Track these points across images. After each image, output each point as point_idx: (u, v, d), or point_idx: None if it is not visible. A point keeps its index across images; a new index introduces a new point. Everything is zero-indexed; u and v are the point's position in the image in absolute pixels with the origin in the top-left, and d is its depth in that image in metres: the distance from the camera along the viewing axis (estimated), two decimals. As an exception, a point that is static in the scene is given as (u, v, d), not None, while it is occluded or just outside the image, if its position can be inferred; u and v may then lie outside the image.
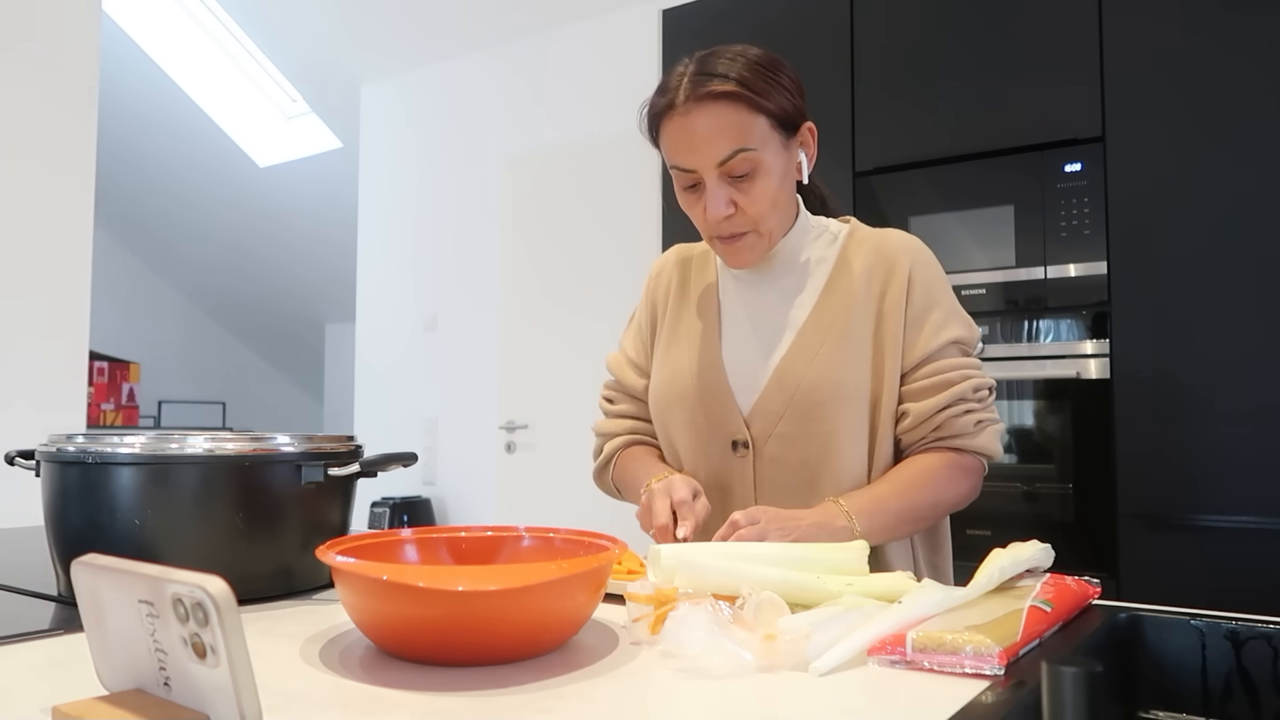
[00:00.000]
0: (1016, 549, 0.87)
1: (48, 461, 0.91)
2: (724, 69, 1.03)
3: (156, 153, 5.29)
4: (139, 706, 0.51)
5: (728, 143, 1.02)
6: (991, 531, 2.15)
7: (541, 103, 3.76)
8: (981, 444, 1.10)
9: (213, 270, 6.05)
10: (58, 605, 0.89)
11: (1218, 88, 2.00)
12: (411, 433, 4.12)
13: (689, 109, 1.02)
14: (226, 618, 0.45)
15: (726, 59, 1.04)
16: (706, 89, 1.02)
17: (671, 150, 1.06)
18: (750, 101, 1.02)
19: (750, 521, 0.94)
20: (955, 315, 1.13)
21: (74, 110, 2.62)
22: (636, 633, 0.75)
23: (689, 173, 1.06)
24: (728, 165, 1.03)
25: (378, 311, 4.35)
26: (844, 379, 1.08)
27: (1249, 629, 0.78)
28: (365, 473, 0.96)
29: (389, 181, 4.32)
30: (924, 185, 2.38)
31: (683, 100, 1.03)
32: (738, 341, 1.16)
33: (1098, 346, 2.11)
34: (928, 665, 0.66)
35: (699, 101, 1.02)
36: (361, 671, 0.66)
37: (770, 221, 1.08)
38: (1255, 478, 1.91)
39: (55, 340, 2.57)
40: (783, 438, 1.10)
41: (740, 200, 1.05)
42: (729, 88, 1.01)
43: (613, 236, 3.45)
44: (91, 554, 0.54)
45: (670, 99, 1.04)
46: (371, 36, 4.08)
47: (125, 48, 4.69)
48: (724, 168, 1.03)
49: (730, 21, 2.71)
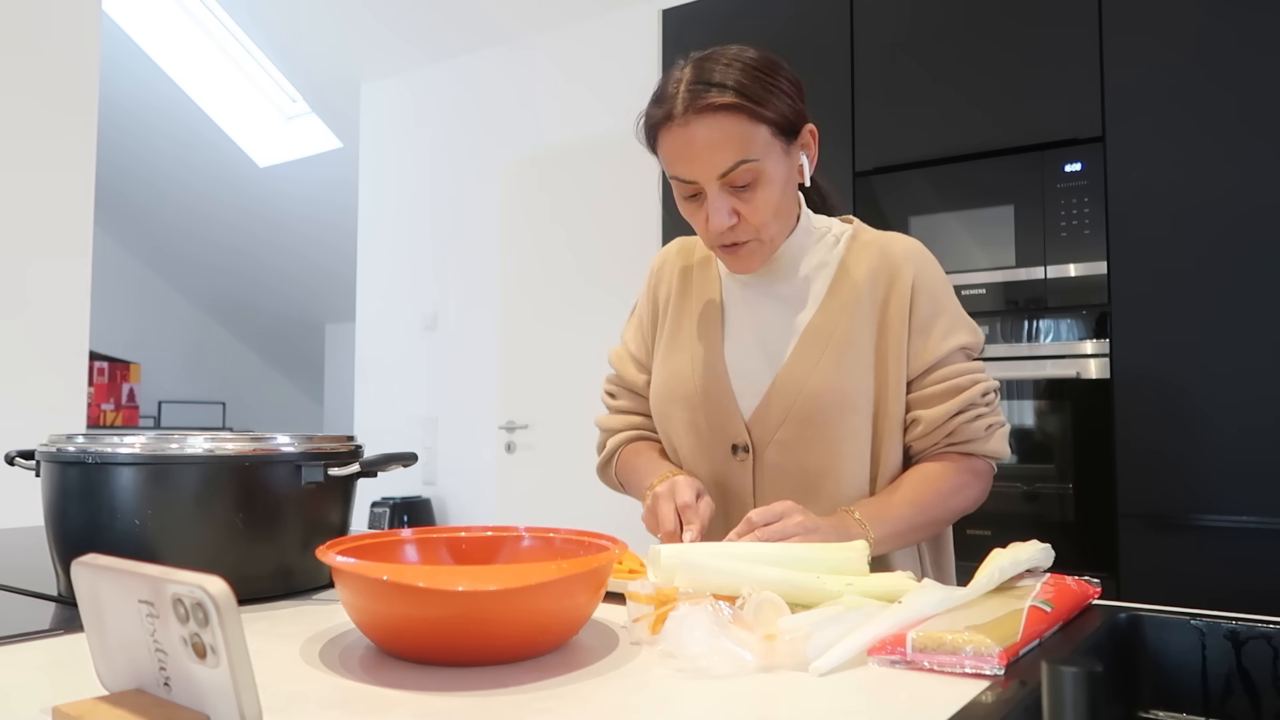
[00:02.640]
0: (1016, 549, 0.87)
1: (48, 461, 0.91)
2: (721, 77, 1.00)
3: (156, 153, 5.29)
4: (139, 706, 0.51)
5: (729, 155, 1.00)
6: (991, 531, 2.15)
7: (541, 103, 3.77)
8: (993, 448, 1.11)
9: (213, 270, 6.05)
10: (58, 605, 0.89)
11: (1218, 87, 2.00)
12: (411, 433, 4.12)
13: (688, 120, 1.00)
14: (226, 618, 0.45)
15: (723, 65, 1.01)
16: (705, 101, 0.99)
17: (671, 161, 1.04)
18: (750, 112, 0.99)
19: (774, 517, 0.93)
20: (960, 321, 1.13)
21: (74, 111, 2.62)
22: (636, 633, 0.75)
23: (689, 183, 1.04)
24: (729, 177, 1.01)
25: (378, 311, 4.35)
26: (846, 387, 1.08)
27: (1249, 629, 0.78)
28: (365, 473, 0.96)
29: (389, 181, 4.32)
30: (924, 185, 2.38)
31: (681, 111, 1.00)
32: (740, 345, 1.16)
33: (1098, 346, 2.11)
34: (928, 665, 0.66)
35: (698, 114, 0.99)
36: (361, 671, 0.66)
37: (772, 229, 1.07)
38: (1255, 477, 1.91)
39: (55, 340, 2.57)
40: (783, 444, 1.10)
41: (742, 210, 1.03)
42: (728, 99, 0.99)
43: (612, 236, 3.45)
44: (91, 554, 0.54)
45: (668, 110, 1.01)
46: (371, 36, 4.08)
47: (125, 48, 4.69)
48: (725, 179, 1.01)
49: (730, 21, 2.71)
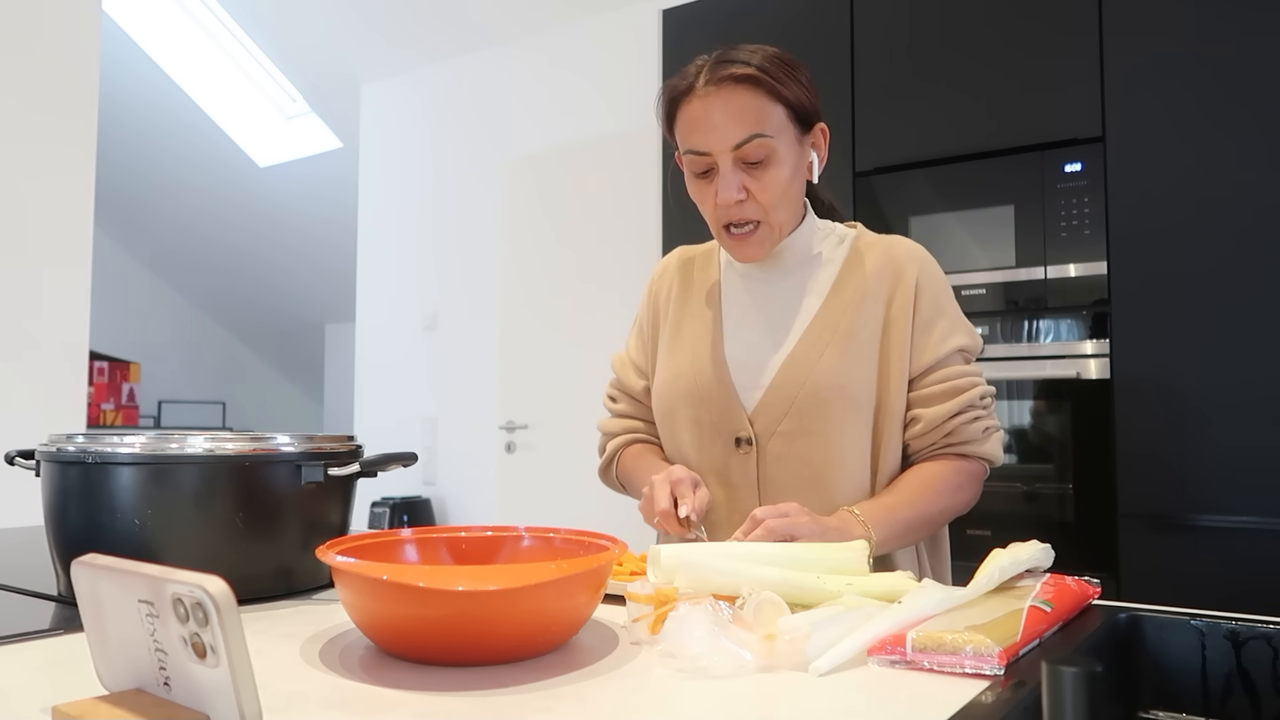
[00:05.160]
0: (1016, 549, 0.87)
1: (48, 461, 0.91)
2: (745, 57, 1.06)
3: (157, 153, 5.29)
4: (139, 706, 0.51)
5: (745, 127, 1.04)
6: (991, 531, 2.15)
7: (542, 102, 3.77)
8: (988, 450, 1.12)
9: (213, 270, 6.05)
10: (58, 605, 0.89)
11: (1218, 87, 2.00)
12: (411, 433, 4.12)
13: (708, 92, 1.05)
14: (226, 618, 0.45)
15: (748, 50, 1.07)
16: (727, 72, 1.04)
17: (687, 133, 1.07)
18: (770, 88, 1.04)
19: (779, 515, 0.94)
20: (960, 323, 1.15)
21: (74, 111, 2.62)
22: (636, 633, 0.75)
23: (703, 156, 1.07)
24: (742, 150, 1.04)
25: (378, 311, 4.35)
26: (849, 381, 1.09)
27: (1249, 629, 0.78)
28: (365, 473, 0.96)
29: (389, 181, 4.32)
30: (924, 185, 2.38)
31: (703, 84, 1.05)
32: (742, 338, 1.16)
33: (1098, 346, 2.11)
34: (928, 665, 0.66)
35: (719, 84, 1.04)
36: (361, 671, 0.66)
37: (780, 213, 1.09)
38: (1255, 478, 1.91)
39: (55, 340, 2.57)
40: (786, 435, 1.11)
41: (752, 187, 1.06)
42: (749, 71, 1.04)
43: (612, 236, 3.45)
44: (91, 554, 0.54)
45: (690, 82, 1.07)
46: (371, 36, 4.08)
47: (125, 48, 4.69)
48: (739, 152, 1.05)
49: (731, 21, 2.71)
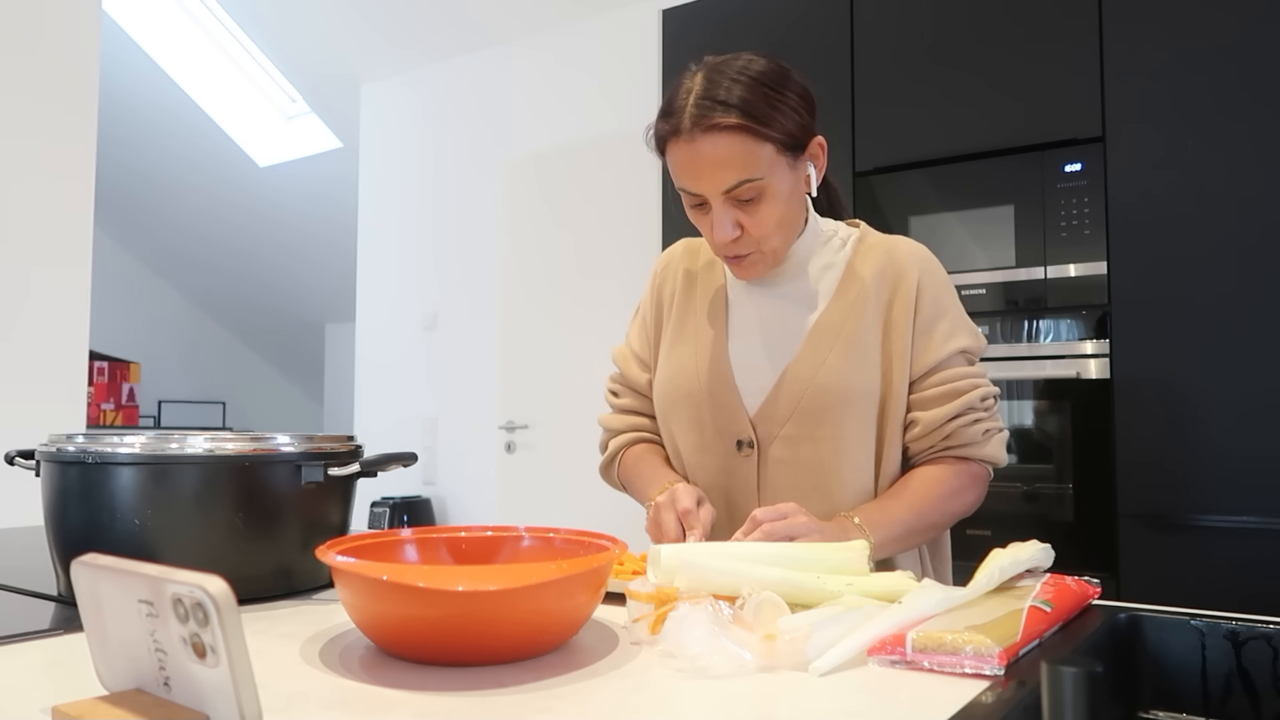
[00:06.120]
0: (1016, 549, 0.87)
1: (48, 461, 0.91)
2: (726, 94, 1.01)
3: (157, 152, 5.29)
4: (139, 706, 0.51)
5: (733, 174, 1.02)
6: (991, 531, 2.15)
7: (542, 102, 3.76)
8: (990, 453, 1.11)
9: (213, 270, 6.05)
10: (58, 605, 0.89)
11: (1218, 87, 2.00)
12: (411, 433, 4.12)
13: (694, 137, 1.01)
14: (226, 618, 0.45)
15: (730, 79, 1.02)
16: (711, 120, 1.00)
17: (678, 174, 1.06)
18: (755, 132, 1.01)
19: (777, 516, 0.94)
20: (962, 325, 1.14)
21: (74, 110, 2.62)
22: (636, 633, 0.75)
23: (695, 195, 1.06)
24: (733, 193, 1.03)
25: (378, 311, 4.35)
26: (852, 385, 1.09)
27: (1249, 629, 0.78)
28: (365, 473, 0.96)
29: (389, 181, 4.32)
30: (924, 185, 2.38)
31: (688, 127, 1.02)
32: (746, 342, 1.16)
33: (1098, 346, 2.11)
34: (928, 665, 0.66)
35: (705, 132, 1.01)
36: (361, 671, 0.66)
37: (774, 241, 1.08)
38: (1255, 478, 1.91)
39: (55, 340, 2.57)
40: (788, 440, 1.10)
41: (746, 223, 1.05)
42: (732, 120, 1.00)
43: (613, 236, 3.45)
44: (91, 554, 0.54)
45: (675, 125, 1.03)
46: (371, 36, 4.08)
47: (125, 48, 4.69)
48: (729, 195, 1.03)
49: (731, 21, 2.71)
